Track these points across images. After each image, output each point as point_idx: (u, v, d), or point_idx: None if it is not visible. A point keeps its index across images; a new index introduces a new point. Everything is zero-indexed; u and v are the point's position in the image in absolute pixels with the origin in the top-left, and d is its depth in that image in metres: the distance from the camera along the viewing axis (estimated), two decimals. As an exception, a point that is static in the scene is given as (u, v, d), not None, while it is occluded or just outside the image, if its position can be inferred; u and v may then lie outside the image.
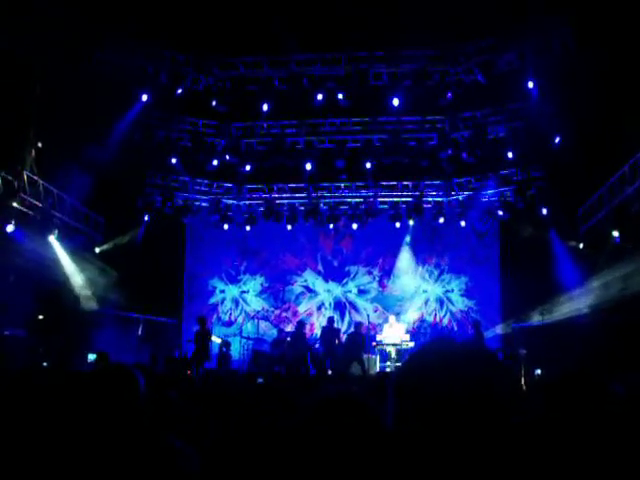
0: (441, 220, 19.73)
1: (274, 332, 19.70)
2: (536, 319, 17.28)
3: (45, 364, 12.08)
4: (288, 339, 17.93)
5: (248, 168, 19.36)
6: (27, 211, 15.25)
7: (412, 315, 20.24)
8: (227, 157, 19.16)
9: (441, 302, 20.47)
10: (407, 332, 18.51)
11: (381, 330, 18.21)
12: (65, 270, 16.90)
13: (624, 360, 11.62)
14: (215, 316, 21.08)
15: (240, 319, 20.99)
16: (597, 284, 15.45)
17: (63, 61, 14.68)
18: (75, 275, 17.20)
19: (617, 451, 1.99)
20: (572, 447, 1.96)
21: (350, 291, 20.91)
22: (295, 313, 20.80)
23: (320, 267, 21.14)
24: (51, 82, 14.78)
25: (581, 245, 17.24)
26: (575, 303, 16.32)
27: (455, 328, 20.09)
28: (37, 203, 15.57)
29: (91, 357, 14.29)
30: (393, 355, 17.09)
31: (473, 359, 1.68)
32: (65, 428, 2.82)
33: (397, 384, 1.71)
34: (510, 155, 17.88)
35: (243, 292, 21.16)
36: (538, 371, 14.69)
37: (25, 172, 15.12)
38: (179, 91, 17.12)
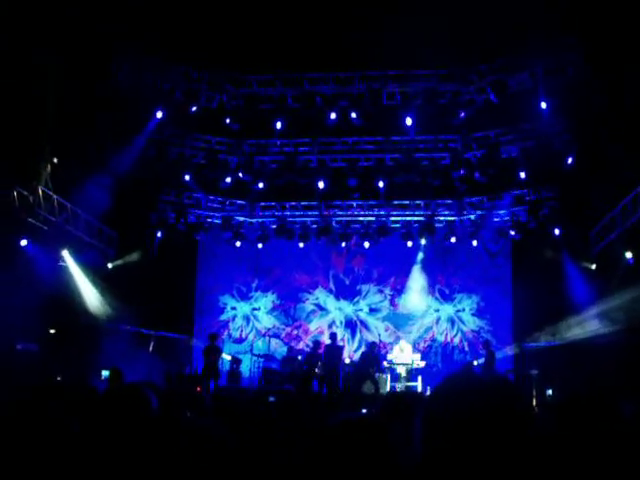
0: (453, 239, 19.70)
1: (284, 350, 19.69)
2: (547, 339, 17.22)
3: (58, 378, 12.11)
4: (299, 357, 17.93)
5: (261, 186, 19.42)
6: (41, 226, 15.35)
7: (416, 333, 20.17)
8: (240, 174, 19.21)
9: (452, 322, 20.41)
10: (418, 351, 18.52)
11: (392, 350, 18.18)
12: (78, 285, 16.97)
13: (636, 381, 11.56)
14: (226, 333, 21.09)
15: (251, 336, 20.99)
16: (609, 305, 15.38)
17: (79, 77, 14.80)
18: (88, 290, 17.28)
19: (621, 467, 2.02)
20: (581, 465, 1.98)
21: (361, 309, 20.89)
22: (306, 331, 20.78)
23: (332, 285, 21.14)
24: (66, 97, 14.92)
25: (594, 266, 17.19)
26: (587, 324, 16.25)
27: (466, 348, 20.03)
28: (51, 218, 15.67)
29: (105, 373, 14.30)
30: (404, 374, 17.06)
31: (492, 389, 1.73)
32: (78, 447, 2.84)
33: (425, 412, 1.77)
34: (522, 175, 17.86)
35: (254, 309, 21.18)
36: (549, 392, 14.62)
37: (40, 187, 15.24)
38: (193, 108, 17.22)
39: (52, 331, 15.39)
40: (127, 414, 2.81)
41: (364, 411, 6.78)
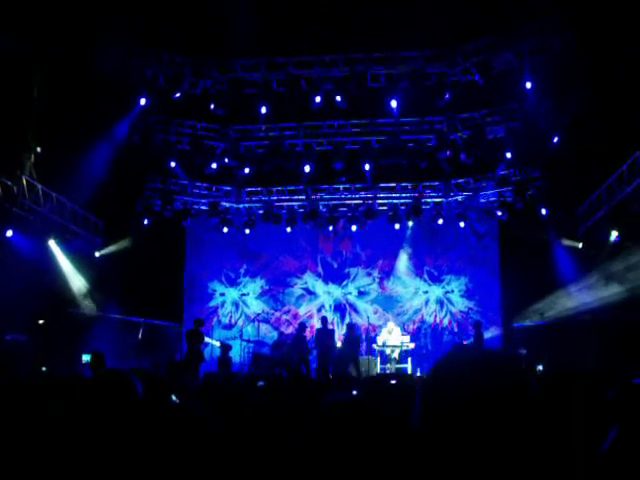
0: (440, 221, 19.72)
1: (274, 335, 19.71)
2: (536, 319, 17.32)
3: (44, 369, 12.08)
4: (288, 342, 17.97)
5: (247, 171, 19.37)
6: (26, 215, 15.26)
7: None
8: (226, 160, 19.15)
9: (441, 303, 20.48)
10: (407, 333, 18.59)
11: (380, 332, 18.24)
12: (65, 274, 16.91)
13: (623, 358, 11.64)
14: (215, 319, 21.08)
15: (240, 322, 20.99)
16: (595, 281, 15.50)
17: (61, 65, 14.68)
18: (75, 279, 17.21)
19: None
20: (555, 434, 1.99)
21: (350, 293, 20.92)
22: (295, 315, 20.79)
23: (320, 269, 21.15)
24: (49, 86, 14.80)
25: (580, 245, 17.27)
26: (574, 300, 16.36)
27: (455, 329, 20.10)
28: (36, 207, 15.58)
29: (85, 358, 14.23)
30: (393, 356, 17.12)
31: (494, 365, 1.73)
32: (65, 434, 2.83)
33: (425, 390, 1.76)
34: (509, 155, 17.90)
35: (243, 295, 21.17)
36: (540, 367, 14.71)
37: (24, 177, 15.14)
38: (177, 94, 17.12)
39: (40, 321, 15.32)
40: (112, 400, 2.79)
41: (354, 393, 6.78)
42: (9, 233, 14.60)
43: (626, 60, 12.94)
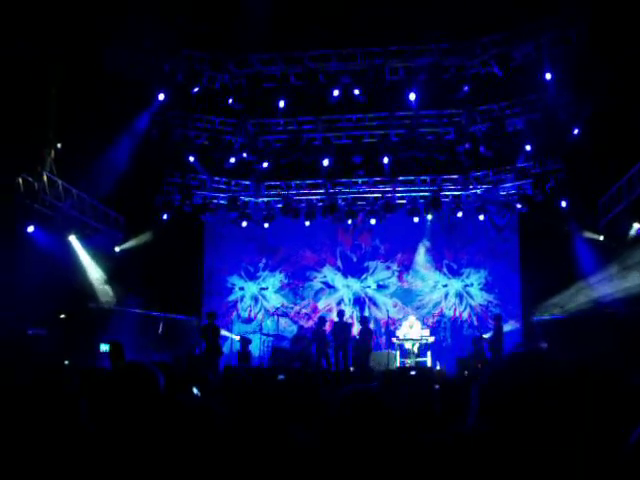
0: (459, 214, 19.64)
1: (294, 328, 19.77)
2: (556, 312, 17.22)
3: (67, 362, 12.16)
4: (308, 335, 18.05)
5: (265, 165, 19.39)
6: (47, 211, 15.38)
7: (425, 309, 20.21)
8: (244, 155, 19.19)
9: (460, 296, 20.41)
10: (426, 327, 18.55)
11: (400, 326, 18.23)
12: (85, 269, 17.03)
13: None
14: (235, 313, 21.15)
15: (260, 316, 21.04)
16: (615, 273, 15.39)
17: (80, 63, 14.76)
18: (96, 274, 17.33)
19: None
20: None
21: (369, 286, 20.90)
22: (315, 309, 20.81)
23: (339, 263, 21.15)
24: (69, 83, 14.88)
25: (601, 237, 17.14)
26: (594, 293, 16.25)
27: (475, 322, 20.03)
28: (57, 203, 15.69)
29: (103, 347, 14.33)
30: (413, 350, 17.11)
31: (565, 376, 1.74)
32: (87, 427, 2.85)
33: (485, 388, 1.76)
34: (528, 148, 17.78)
35: (262, 289, 21.22)
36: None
37: (45, 173, 15.25)
38: (196, 89, 17.19)
39: (62, 316, 15.44)
40: (134, 393, 2.81)
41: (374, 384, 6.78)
42: (30, 229, 14.72)
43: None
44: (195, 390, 4.68)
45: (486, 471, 1.67)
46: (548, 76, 15.66)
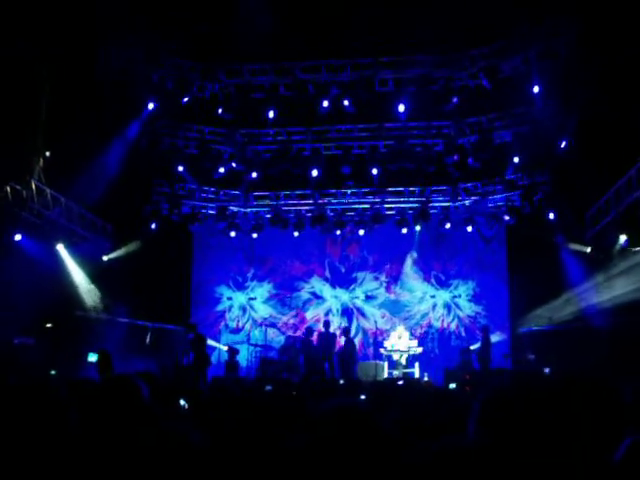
0: (447, 225, 19.69)
1: (282, 339, 19.72)
2: (544, 323, 17.27)
3: (53, 372, 12.11)
4: (296, 346, 18.02)
5: (254, 175, 19.39)
6: (35, 220, 15.32)
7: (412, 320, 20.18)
8: (233, 164, 19.21)
9: (449, 307, 20.43)
10: (414, 337, 18.54)
11: (389, 337, 18.23)
12: (73, 278, 16.95)
13: (633, 363, 11.59)
14: (223, 323, 21.10)
15: (248, 326, 21.00)
16: (602, 283, 15.48)
17: (69, 70, 14.74)
18: (83, 283, 17.26)
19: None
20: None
21: (357, 297, 20.89)
22: (303, 320, 20.78)
23: (327, 273, 21.15)
24: (58, 91, 14.86)
25: (588, 249, 17.21)
26: (581, 303, 16.33)
27: (463, 334, 20.06)
28: (45, 212, 15.63)
29: (91, 357, 14.22)
30: (401, 361, 17.12)
31: (564, 396, 1.75)
32: (72, 438, 2.84)
33: (485, 404, 1.77)
34: (516, 160, 17.87)
35: (251, 299, 21.17)
36: (547, 370, 14.67)
37: (33, 181, 15.20)
38: (185, 99, 17.18)
39: (48, 325, 15.36)
40: (119, 405, 2.80)
41: (362, 397, 6.79)
42: (18, 237, 14.66)
43: (632, 62, 12.91)
44: (182, 402, 4.67)
45: None
46: (536, 89, 15.77)
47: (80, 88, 14.93)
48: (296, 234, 20.28)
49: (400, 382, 13.22)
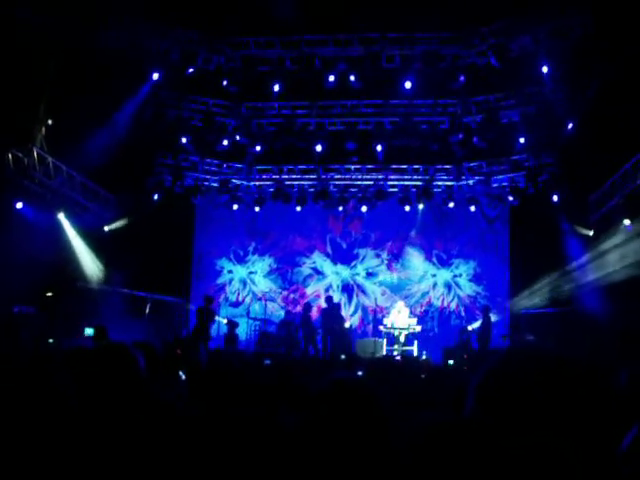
0: (451, 204, 19.64)
1: (281, 313, 19.74)
2: (539, 302, 17.31)
3: (51, 340, 12.12)
4: (295, 321, 18.06)
5: (258, 149, 19.33)
6: (37, 188, 15.26)
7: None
8: (237, 137, 19.12)
9: (449, 287, 20.43)
10: (414, 316, 18.56)
11: (388, 314, 18.24)
12: (74, 248, 16.93)
13: (632, 347, 11.58)
14: (223, 296, 21.11)
15: (248, 300, 21.03)
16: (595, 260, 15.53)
17: (75, 38, 14.61)
18: (84, 253, 17.25)
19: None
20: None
21: (358, 274, 20.89)
22: (303, 295, 20.80)
23: (329, 249, 21.13)
24: (62, 59, 14.74)
25: (592, 232, 17.15)
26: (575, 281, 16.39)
27: (462, 313, 20.08)
28: (47, 180, 15.58)
29: (88, 331, 14.19)
30: (400, 339, 17.13)
31: (567, 370, 1.70)
32: (65, 407, 2.81)
33: (482, 381, 1.72)
34: (522, 140, 17.77)
35: (251, 273, 21.18)
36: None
37: (35, 149, 15.12)
38: (190, 70, 17.04)
39: (49, 294, 15.37)
40: (113, 373, 2.76)
41: (360, 373, 6.77)
42: (19, 205, 14.61)
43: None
44: (182, 374, 4.65)
45: (485, 456, 1.64)
46: (545, 69, 15.62)
47: (85, 57, 14.81)
48: (298, 209, 20.23)
49: (398, 359, 13.23)
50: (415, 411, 3.48)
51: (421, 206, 20.01)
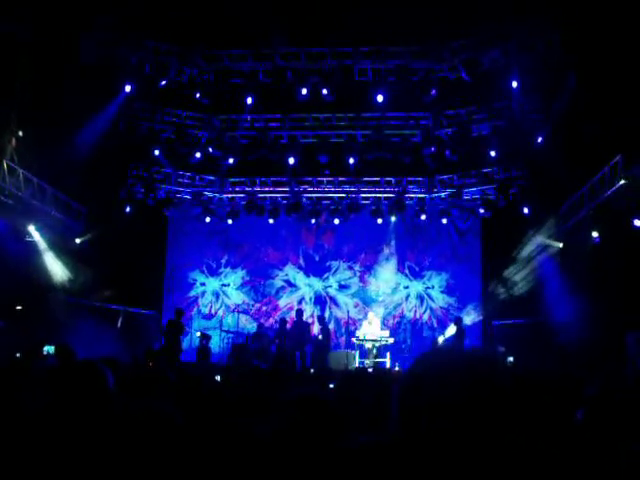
0: (423, 217, 19.78)
1: (254, 326, 19.69)
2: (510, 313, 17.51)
3: (18, 355, 11.95)
4: (268, 334, 18.03)
5: (231, 161, 19.32)
6: (7, 200, 15.11)
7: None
8: (210, 150, 19.11)
9: (421, 299, 20.53)
10: (387, 327, 18.62)
11: (360, 326, 18.27)
12: (44, 260, 16.78)
13: (600, 361, 11.72)
14: (195, 309, 21.03)
15: (220, 312, 20.96)
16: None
17: (46, 50, 14.53)
18: (54, 265, 17.09)
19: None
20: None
21: (331, 286, 20.93)
22: (275, 307, 20.79)
23: (301, 261, 21.14)
24: (33, 70, 14.65)
25: (561, 244, 17.34)
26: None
27: (435, 325, 20.17)
28: (17, 192, 15.43)
29: (48, 349, 13.86)
30: (373, 351, 17.15)
31: (476, 364, 1.72)
32: (34, 423, 2.81)
33: (402, 388, 1.75)
34: (493, 153, 17.94)
35: (224, 285, 21.12)
36: (510, 359, 14.81)
37: (5, 161, 14.98)
38: (163, 82, 17.00)
39: (18, 307, 15.21)
40: (81, 391, 2.76)
41: (331, 386, 6.78)
42: (-11, 217, 14.48)
43: (611, 60, 12.99)
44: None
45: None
46: (514, 83, 15.80)
47: (56, 69, 14.72)
48: (271, 221, 20.27)
49: (370, 371, 13.23)
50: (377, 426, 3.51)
51: (393, 218, 20.11)
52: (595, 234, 15.12)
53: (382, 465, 1.61)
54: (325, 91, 17.00)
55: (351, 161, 18.83)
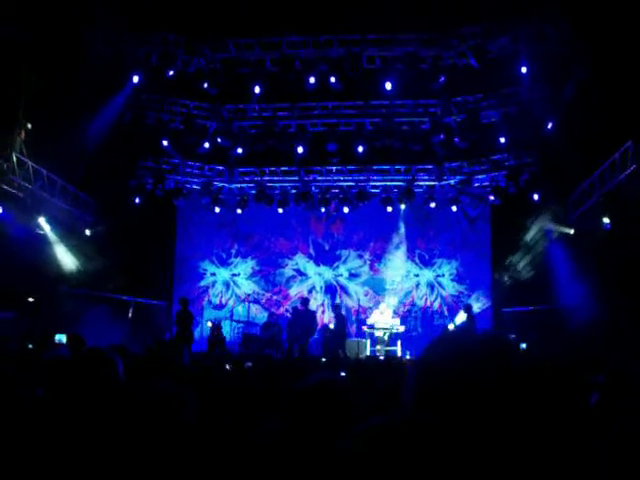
0: (432, 205, 19.70)
1: (265, 315, 19.71)
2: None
3: (30, 346, 12.01)
4: (279, 323, 18.06)
5: (240, 151, 19.28)
6: (16, 193, 15.16)
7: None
8: (219, 140, 19.07)
9: (432, 287, 20.49)
10: (397, 316, 18.60)
11: (371, 314, 18.27)
12: (55, 252, 16.83)
13: (611, 348, 11.68)
14: (206, 299, 21.07)
15: (231, 302, 20.98)
16: None
17: (54, 43, 14.52)
18: (65, 257, 17.14)
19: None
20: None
21: (341, 275, 20.91)
22: (286, 296, 20.80)
23: (311, 250, 21.13)
24: (41, 63, 14.65)
25: (572, 231, 17.26)
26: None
27: (445, 313, 20.14)
28: (27, 185, 15.47)
29: (59, 337, 13.95)
30: (383, 339, 17.16)
31: (490, 347, 1.71)
32: (47, 413, 2.80)
33: (417, 373, 1.73)
34: (503, 140, 17.84)
35: (234, 275, 21.14)
36: (523, 345, 14.75)
37: (14, 153, 15.01)
38: (170, 73, 16.97)
39: (30, 299, 15.26)
40: (92, 379, 2.75)
41: (342, 374, 6.79)
42: (-1, 210, 14.52)
43: (621, 47, 12.89)
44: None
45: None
46: (524, 70, 15.70)
47: (64, 61, 14.73)
48: (280, 211, 20.24)
49: (381, 359, 13.26)
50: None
51: (403, 206, 20.06)
52: (606, 220, 15.03)
53: (397, 445, 1.58)
54: (333, 79, 16.92)
55: (360, 149, 18.76)
